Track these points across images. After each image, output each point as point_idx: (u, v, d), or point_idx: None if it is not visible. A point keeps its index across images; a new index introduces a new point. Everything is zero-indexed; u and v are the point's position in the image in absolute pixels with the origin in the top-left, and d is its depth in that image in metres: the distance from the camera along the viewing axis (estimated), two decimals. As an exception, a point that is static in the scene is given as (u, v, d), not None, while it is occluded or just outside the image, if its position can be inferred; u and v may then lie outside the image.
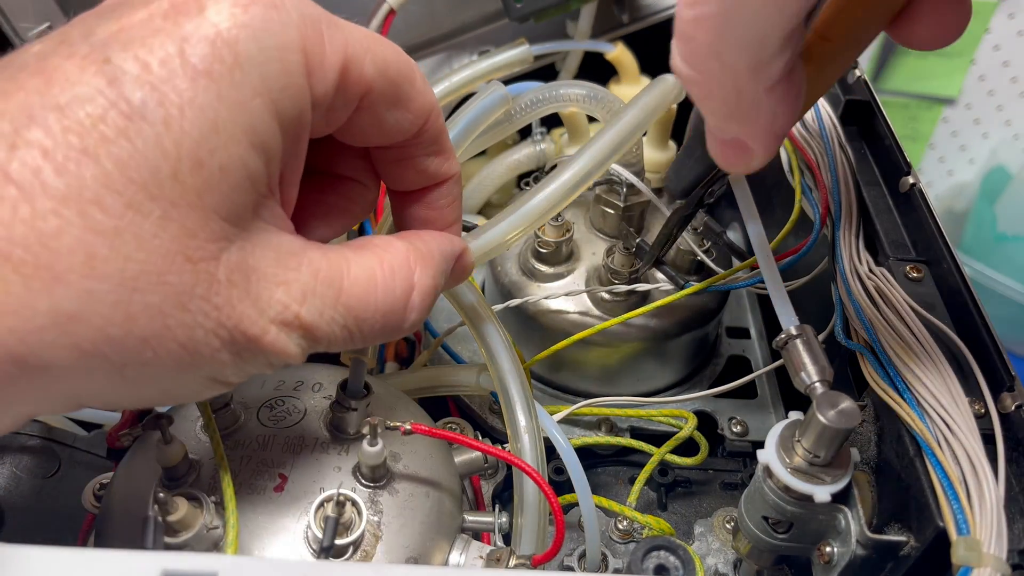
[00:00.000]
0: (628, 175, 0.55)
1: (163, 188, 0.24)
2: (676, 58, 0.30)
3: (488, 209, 0.72)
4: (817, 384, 0.37)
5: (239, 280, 0.27)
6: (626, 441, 0.55)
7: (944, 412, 0.36)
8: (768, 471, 0.38)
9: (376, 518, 0.37)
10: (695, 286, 0.52)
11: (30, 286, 0.23)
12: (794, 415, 0.38)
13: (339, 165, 0.37)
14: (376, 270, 0.32)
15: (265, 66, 0.26)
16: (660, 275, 0.54)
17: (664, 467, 0.55)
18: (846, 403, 0.35)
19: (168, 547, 0.32)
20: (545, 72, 0.72)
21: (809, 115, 0.54)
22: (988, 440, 0.35)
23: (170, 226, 0.25)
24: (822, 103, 0.55)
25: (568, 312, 0.55)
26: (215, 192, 0.25)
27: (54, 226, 0.23)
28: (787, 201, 0.53)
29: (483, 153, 0.73)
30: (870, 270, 0.44)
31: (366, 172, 0.37)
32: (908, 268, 0.45)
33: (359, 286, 0.31)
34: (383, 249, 0.33)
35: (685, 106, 0.69)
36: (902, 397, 0.37)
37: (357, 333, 0.31)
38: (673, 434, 0.54)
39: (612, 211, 0.58)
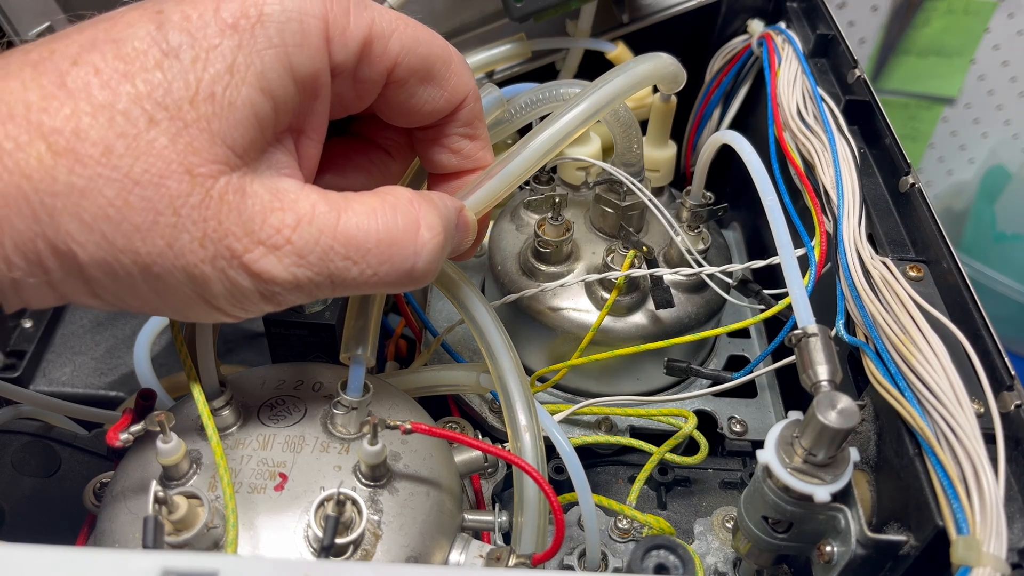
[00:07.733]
0: (626, 178, 0.55)
1: (180, 111, 0.29)
2: None
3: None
4: (824, 383, 0.37)
5: (233, 201, 0.30)
6: (626, 440, 0.55)
7: (945, 410, 0.36)
8: (768, 471, 0.38)
9: (376, 517, 0.37)
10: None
11: (57, 161, 0.28)
12: (794, 415, 0.38)
13: (378, 136, 0.41)
14: (377, 205, 0.33)
15: (284, 24, 0.31)
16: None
17: (664, 466, 0.55)
18: (845, 403, 0.35)
19: (168, 546, 0.32)
20: (545, 72, 0.72)
21: (811, 108, 0.54)
22: (988, 439, 0.35)
23: (179, 141, 0.29)
24: (825, 97, 0.54)
25: (567, 310, 0.55)
26: (223, 121, 0.30)
27: (87, 123, 0.28)
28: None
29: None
30: (872, 256, 0.44)
31: (399, 147, 0.41)
32: (908, 268, 0.45)
33: (358, 216, 0.33)
34: (386, 192, 0.35)
35: (685, 103, 0.70)
36: (903, 394, 0.37)
37: (364, 265, 0.32)
38: (673, 433, 0.54)
39: (612, 211, 0.57)
